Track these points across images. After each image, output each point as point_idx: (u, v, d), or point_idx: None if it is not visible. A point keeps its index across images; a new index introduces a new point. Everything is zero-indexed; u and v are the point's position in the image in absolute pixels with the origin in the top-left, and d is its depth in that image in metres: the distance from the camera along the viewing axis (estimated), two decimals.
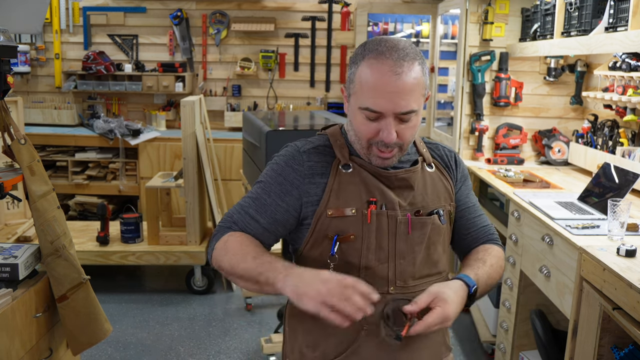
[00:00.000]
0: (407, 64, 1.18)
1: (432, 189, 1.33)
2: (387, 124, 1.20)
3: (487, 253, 1.37)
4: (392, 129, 1.20)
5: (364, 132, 1.23)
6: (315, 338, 1.32)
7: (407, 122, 1.21)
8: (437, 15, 4.28)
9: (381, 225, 1.26)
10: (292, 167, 1.29)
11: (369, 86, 1.19)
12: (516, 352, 2.63)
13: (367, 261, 1.26)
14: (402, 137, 1.23)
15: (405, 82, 1.17)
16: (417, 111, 1.21)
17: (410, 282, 1.28)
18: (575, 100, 3.37)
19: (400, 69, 1.17)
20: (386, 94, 1.17)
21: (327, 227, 1.26)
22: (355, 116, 1.24)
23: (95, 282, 2.23)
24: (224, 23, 4.86)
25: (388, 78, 1.17)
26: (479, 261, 1.33)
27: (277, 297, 3.75)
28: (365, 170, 1.28)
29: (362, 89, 1.21)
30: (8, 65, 1.97)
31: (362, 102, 1.21)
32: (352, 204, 1.26)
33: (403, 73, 1.17)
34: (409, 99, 1.18)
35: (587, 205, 2.37)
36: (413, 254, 1.28)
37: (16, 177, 2.03)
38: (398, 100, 1.18)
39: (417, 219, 1.28)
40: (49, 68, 4.95)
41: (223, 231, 1.30)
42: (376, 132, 1.22)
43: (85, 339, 2.15)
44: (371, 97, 1.19)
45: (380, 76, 1.18)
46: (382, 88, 1.18)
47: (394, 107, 1.18)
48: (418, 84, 1.20)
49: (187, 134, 3.69)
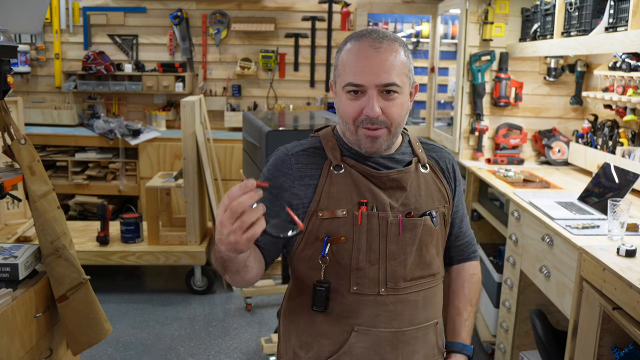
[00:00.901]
0: (386, 42, 1.21)
1: (425, 190, 1.32)
2: (370, 97, 1.20)
3: (467, 290, 1.47)
4: (375, 103, 1.20)
5: (349, 112, 1.23)
6: (308, 339, 1.32)
7: (391, 100, 1.21)
8: (437, 15, 4.27)
9: (372, 227, 1.25)
10: (282, 171, 1.29)
11: (350, 63, 1.22)
12: (516, 352, 2.63)
13: (358, 262, 1.26)
14: (388, 115, 1.22)
15: (385, 55, 1.19)
16: (400, 88, 1.22)
17: (401, 283, 1.28)
18: (575, 100, 3.37)
19: (380, 44, 1.20)
20: (366, 67, 1.19)
21: (317, 229, 1.26)
22: (340, 100, 1.25)
23: (95, 282, 2.23)
24: (224, 23, 4.86)
25: (367, 52, 1.20)
26: (465, 312, 1.44)
27: (277, 297, 3.75)
28: (356, 171, 1.28)
29: (344, 68, 1.23)
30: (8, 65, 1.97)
31: (344, 79, 1.22)
32: (342, 205, 1.25)
33: (382, 48, 1.20)
34: (390, 72, 1.19)
35: (587, 205, 2.37)
36: (404, 256, 1.28)
37: (16, 177, 2.03)
38: (378, 71, 1.19)
39: (408, 221, 1.27)
40: (49, 68, 4.95)
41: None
42: (360, 109, 1.22)
43: (85, 339, 2.15)
44: (352, 71, 1.21)
45: (359, 51, 1.21)
46: (362, 61, 1.20)
47: (375, 78, 1.19)
48: (400, 61, 1.21)
49: (187, 134, 3.69)
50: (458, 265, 1.49)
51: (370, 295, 1.26)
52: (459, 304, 1.46)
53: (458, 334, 1.43)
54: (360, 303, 1.27)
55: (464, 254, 1.50)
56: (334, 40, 4.86)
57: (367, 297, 1.26)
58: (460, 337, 1.42)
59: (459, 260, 1.50)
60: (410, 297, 1.29)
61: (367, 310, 1.27)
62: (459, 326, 1.43)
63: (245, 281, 1.22)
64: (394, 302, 1.28)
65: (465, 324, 1.44)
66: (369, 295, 1.26)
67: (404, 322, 1.29)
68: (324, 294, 1.26)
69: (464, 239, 1.49)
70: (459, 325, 1.44)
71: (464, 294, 1.47)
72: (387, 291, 1.27)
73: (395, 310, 1.28)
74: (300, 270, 1.33)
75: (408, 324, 1.29)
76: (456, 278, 1.48)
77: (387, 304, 1.27)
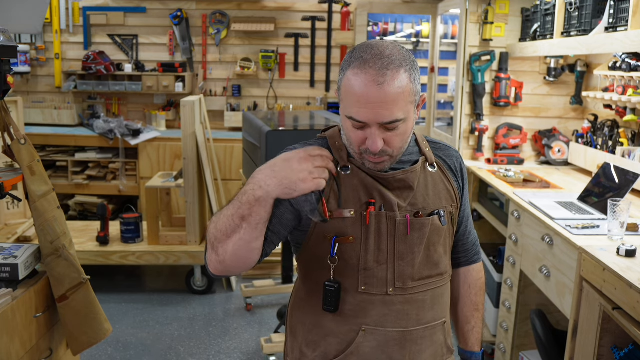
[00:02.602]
0: (390, 73, 1.15)
1: (433, 189, 1.32)
2: (372, 134, 1.18)
3: (474, 295, 1.49)
4: (377, 139, 1.18)
5: (353, 139, 1.23)
6: (315, 338, 1.32)
7: (394, 130, 1.19)
8: (437, 15, 4.28)
9: (380, 227, 1.25)
10: None
11: (352, 96, 1.18)
12: (516, 352, 2.63)
13: (366, 262, 1.26)
14: (390, 145, 1.21)
15: (387, 92, 1.15)
16: (403, 119, 1.19)
17: (409, 283, 1.28)
18: (575, 100, 3.37)
19: (383, 79, 1.14)
20: (368, 104, 1.15)
21: (325, 229, 1.26)
22: (344, 123, 1.24)
23: (95, 282, 2.23)
24: (224, 23, 4.86)
25: (370, 88, 1.15)
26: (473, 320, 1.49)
27: (277, 297, 3.75)
28: (363, 172, 1.27)
29: (347, 97, 1.20)
30: (8, 65, 1.97)
31: (347, 111, 1.20)
32: (350, 206, 1.25)
33: (385, 83, 1.14)
34: (393, 109, 1.16)
35: (587, 205, 2.37)
36: (412, 255, 1.28)
37: (16, 177, 2.03)
38: (381, 110, 1.16)
39: (416, 220, 1.27)
40: (49, 68, 4.95)
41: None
42: (363, 139, 1.21)
43: (85, 339, 2.15)
44: (354, 107, 1.17)
45: (362, 86, 1.15)
46: (364, 98, 1.15)
47: (376, 117, 1.16)
48: (403, 93, 1.17)
49: (187, 134, 3.69)
50: (464, 269, 1.50)
51: (378, 295, 1.27)
52: (467, 312, 1.49)
53: (466, 342, 1.49)
54: (369, 303, 1.27)
55: (469, 255, 1.50)
56: (334, 40, 4.86)
57: (376, 296, 1.27)
58: (469, 345, 1.48)
59: (464, 262, 1.50)
60: (418, 297, 1.29)
61: (376, 310, 1.27)
62: (468, 334, 1.49)
63: (244, 256, 1.19)
64: (402, 302, 1.28)
65: (474, 331, 1.48)
66: (377, 295, 1.27)
67: (411, 322, 1.29)
68: (334, 294, 1.27)
69: (470, 238, 1.49)
70: (467, 333, 1.49)
71: (471, 300, 1.49)
72: (395, 291, 1.27)
73: (403, 310, 1.28)
74: (309, 268, 1.34)
75: (416, 324, 1.30)
76: (463, 283, 1.49)
77: (395, 304, 1.27)
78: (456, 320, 1.50)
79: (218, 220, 1.19)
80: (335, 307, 1.27)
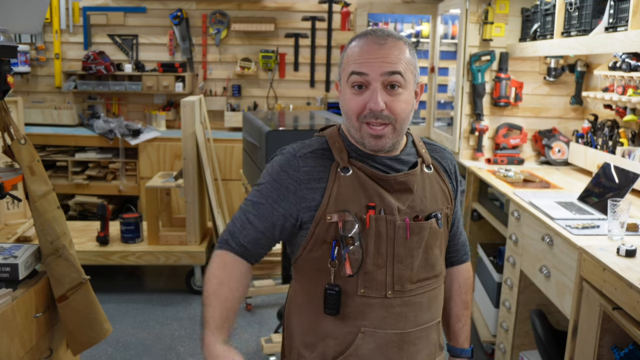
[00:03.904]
0: (391, 39, 1.22)
1: (430, 191, 1.32)
2: (373, 90, 1.20)
3: (464, 294, 1.50)
4: (379, 95, 1.19)
5: (352, 107, 1.23)
6: (313, 339, 1.32)
7: (396, 95, 1.21)
8: (437, 15, 4.28)
9: (380, 230, 1.25)
10: (288, 173, 1.28)
11: (354, 55, 1.23)
12: (516, 352, 2.63)
13: (365, 266, 1.26)
14: (392, 110, 1.21)
15: (388, 50, 1.20)
16: (405, 82, 1.22)
17: (407, 286, 1.28)
18: (575, 100, 3.37)
19: (384, 41, 1.21)
20: (370, 58, 1.20)
21: (325, 232, 1.25)
22: (344, 95, 1.26)
23: (95, 282, 2.23)
24: (224, 23, 4.86)
25: (372, 46, 1.21)
26: (463, 318, 1.50)
27: (277, 297, 3.75)
28: (364, 174, 1.27)
29: (348, 61, 1.24)
30: (8, 65, 1.97)
31: (348, 70, 1.23)
32: (351, 209, 1.25)
33: (386, 44, 1.21)
34: (394, 62, 1.20)
35: (587, 205, 2.37)
36: (411, 259, 1.28)
37: (16, 177, 2.03)
38: (382, 62, 1.19)
39: (415, 224, 1.27)
40: (49, 68, 4.95)
41: (220, 246, 1.34)
42: (364, 104, 1.21)
43: (85, 339, 2.15)
44: (356, 62, 1.21)
45: (364, 45, 1.22)
46: (366, 54, 1.21)
47: (379, 67, 1.19)
48: (404, 57, 1.22)
49: (187, 134, 3.69)
50: (454, 268, 1.51)
51: (377, 297, 1.27)
52: (457, 310, 1.50)
53: (457, 340, 1.50)
54: (367, 305, 1.27)
55: (460, 254, 1.51)
56: (334, 40, 4.86)
57: (374, 299, 1.27)
58: (459, 343, 1.49)
59: (456, 261, 1.51)
60: (416, 299, 1.30)
61: (374, 312, 1.27)
62: (459, 332, 1.50)
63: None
64: (400, 305, 1.28)
65: (464, 329, 1.50)
66: (376, 297, 1.27)
67: (409, 323, 1.29)
68: (335, 297, 1.27)
69: (461, 239, 1.51)
70: (458, 331, 1.50)
71: (461, 299, 1.50)
72: (394, 294, 1.27)
73: (401, 312, 1.28)
74: (307, 271, 1.33)
75: (413, 325, 1.30)
76: (454, 282, 1.50)
77: (393, 306, 1.28)
78: (447, 319, 1.50)
79: (205, 300, 1.27)
80: (337, 310, 1.27)
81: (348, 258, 1.24)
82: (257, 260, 1.36)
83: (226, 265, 1.31)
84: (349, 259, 1.24)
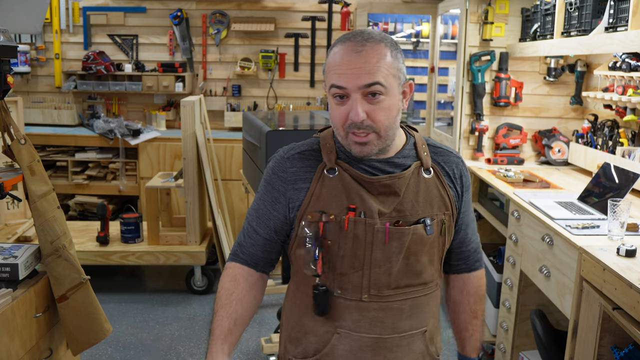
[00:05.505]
0: (370, 44, 1.19)
1: (425, 195, 1.29)
2: (353, 101, 1.18)
3: (473, 303, 1.47)
4: (358, 106, 1.18)
5: (336, 118, 1.23)
6: (297, 335, 1.35)
7: (377, 103, 1.19)
8: (437, 15, 4.28)
9: (358, 233, 1.24)
10: (278, 175, 1.30)
11: (333, 66, 1.21)
12: (516, 352, 2.63)
13: (342, 267, 1.26)
14: (373, 119, 1.19)
15: (367, 58, 1.17)
16: (386, 89, 1.19)
17: (385, 291, 1.27)
18: (575, 100, 3.37)
19: (362, 48, 1.18)
20: (348, 70, 1.18)
21: (306, 232, 1.27)
22: (330, 104, 1.25)
23: (95, 282, 2.23)
24: (224, 23, 4.86)
25: (349, 56, 1.18)
26: (470, 327, 1.48)
27: (277, 297, 3.75)
28: (349, 176, 1.26)
29: (329, 71, 1.22)
30: (8, 65, 1.97)
31: (328, 82, 1.22)
32: (331, 210, 1.25)
33: (364, 51, 1.18)
34: (373, 73, 1.17)
35: (587, 205, 2.37)
36: (389, 264, 1.26)
37: (16, 177, 2.03)
38: (360, 73, 1.17)
39: (395, 229, 1.25)
40: (49, 68, 4.95)
41: (231, 258, 1.37)
42: (346, 114, 1.20)
43: (85, 339, 2.15)
44: (335, 74, 1.20)
45: (342, 55, 1.20)
46: (344, 65, 1.19)
47: (356, 80, 1.17)
48: (384, 62, 1.18)
49: (187, 134, 3.69)
50: (462, 276, 1.47)
51: (352, 300, 1.27)
52: (464, 319, 1.48)
53: (463, 348, 1.50)
54: (343, 307, 1.28)
55: (469, 262, 1.47)
56: (334, 40, 4.84)
57: (350, 301, 1.27)
58: (466, 351, 1.49)
59: (464, 269, 1.47)
60: (394, 305, 1.28)
61: (350, 314, 1.28)
62: (465, 341, 1.49)
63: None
64: (376, 309, 1.27)
65: (471, 338, 1.48)
66: (352, 300, 1.27)
67: (386, 329, 1.28)
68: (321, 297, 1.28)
69: (469, 246, 1.45)
70: (464, 340, 1.49)
71: (470, 308, 1.47)
72: (370, 298, 1.27)
73: (377, 317, 1.28)
74: (294, 269, 1.37)
75: (391, 331, 1.29)
76: (461, 290, 1.47)
77: (369, 310, 1.27)
78: (455, 325, 1.50)
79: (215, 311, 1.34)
80: (323, 310, 1.28)
81: (321, 258, 1.25)
82: (269, 267, 1.38)
83: (236, 277, 1.34)
84: (322, 259, 1.25)
